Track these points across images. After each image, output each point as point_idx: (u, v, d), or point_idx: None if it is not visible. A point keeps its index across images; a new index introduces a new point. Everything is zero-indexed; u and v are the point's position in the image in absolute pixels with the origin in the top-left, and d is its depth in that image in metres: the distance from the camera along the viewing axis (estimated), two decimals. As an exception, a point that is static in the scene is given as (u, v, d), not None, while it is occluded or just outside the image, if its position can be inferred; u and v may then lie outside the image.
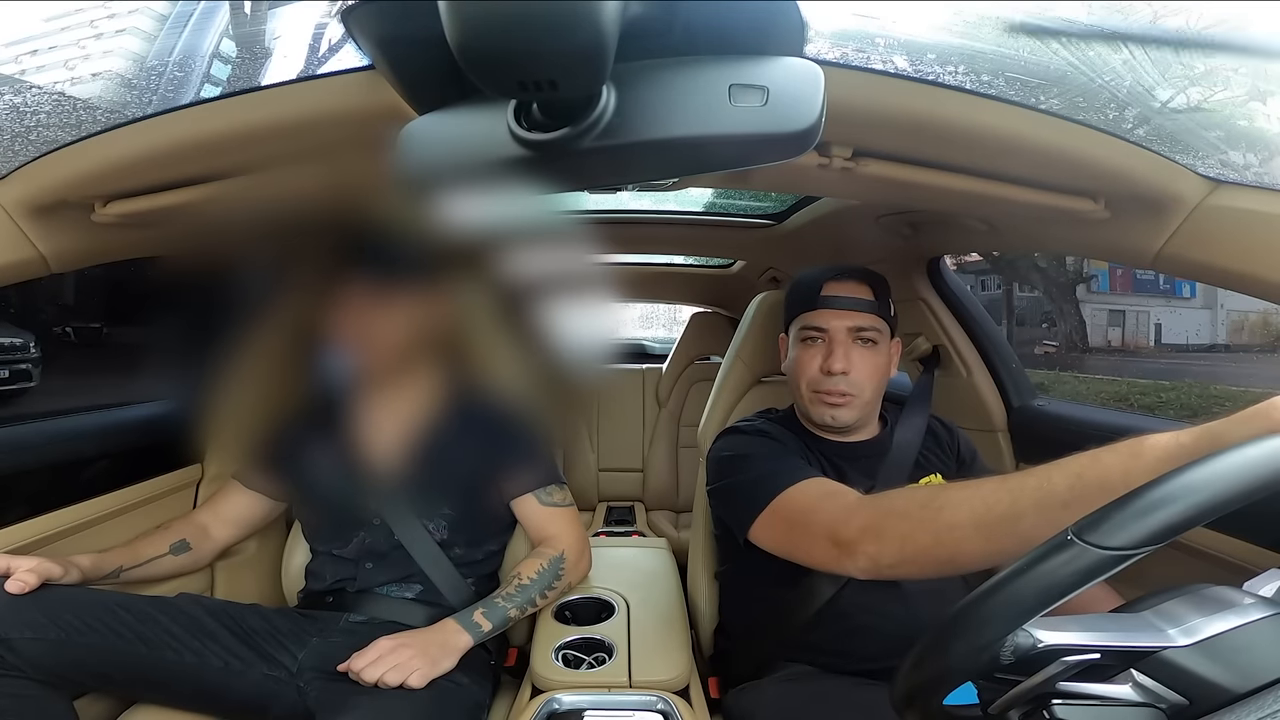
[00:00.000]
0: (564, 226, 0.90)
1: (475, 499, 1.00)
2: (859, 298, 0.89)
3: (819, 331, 0.90)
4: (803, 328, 0.92)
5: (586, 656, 0.88)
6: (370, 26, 0.37)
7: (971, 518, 0.57)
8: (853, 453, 0.93)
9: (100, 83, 0.82)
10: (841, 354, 0.87)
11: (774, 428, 0.92)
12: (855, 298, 0.89)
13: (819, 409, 0.90)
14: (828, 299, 0.89)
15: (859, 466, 0.91)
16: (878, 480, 0.89)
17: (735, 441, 0.92)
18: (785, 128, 0.35)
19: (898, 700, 0.43)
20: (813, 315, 0.90)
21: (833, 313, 0.89)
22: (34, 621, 0.74)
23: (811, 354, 0.90)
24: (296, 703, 0.85)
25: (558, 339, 0.95)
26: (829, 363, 0.87)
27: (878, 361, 0.90)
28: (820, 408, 0.90)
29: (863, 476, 0.89)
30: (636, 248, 2.09)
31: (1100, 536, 0.36)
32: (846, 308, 0.89)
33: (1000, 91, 0.62)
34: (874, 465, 0.91)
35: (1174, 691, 0.37)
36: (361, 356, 0.97)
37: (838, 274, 0.91)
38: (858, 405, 0.89)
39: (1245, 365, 9.15)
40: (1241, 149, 0.70)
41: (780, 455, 0.86)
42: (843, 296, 0.89)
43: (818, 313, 0.90)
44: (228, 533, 1.05)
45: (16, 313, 5.61)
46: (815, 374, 0.89)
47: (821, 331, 0.90)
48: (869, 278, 0.91)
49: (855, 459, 0.92)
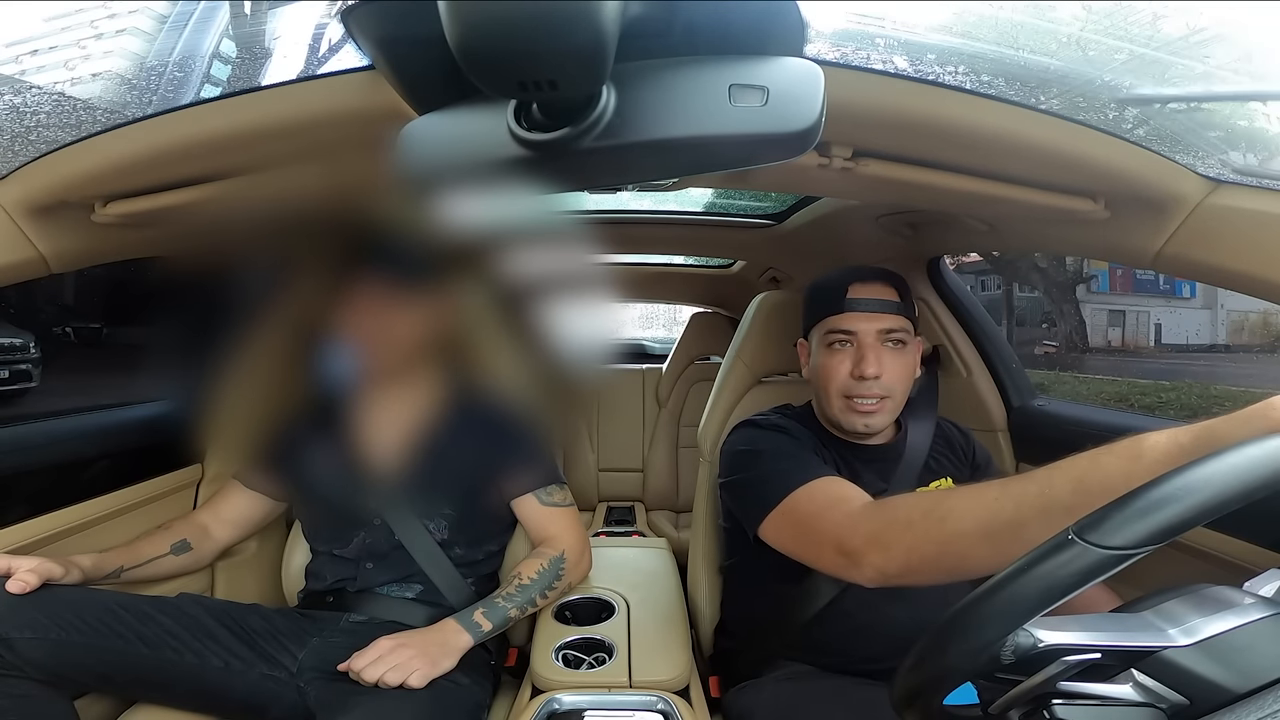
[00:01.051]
0: (564, 226, 0.90)
1: (475, 499, 1.00)
2: (885, 299, 0.87)
3: (847, 335, 0.87)
4: (829, 332, 0.89)
5: (586, 656, 0.88)
6: (370, 26, 0.37)
7: (976, 526, 0.57)
8: (868, 455, 0.92)
9: (100, 83, 0.82)
10: (873, 358, 0.85)
11: (791, 424, 0.91)
12: (882, 299, 0.87)
13: (851, 418, 0.88)
14: (854, 301, 0.87)
15: (873, 469, 0.90)
16: (890, 484, 0.88)
17: (751, 435, 0.90)
18: (785, 128, 0.35)
19: (898, 700, 0.43)
20: (839, 319, 0.88)
21: (861, 315, 0.87)
22: (34, 621, 0.74)
23: (840, 359, 0.88)
24: (297, 703, 0.85)
25: (558, 339, 0.95)
26: (861, 367, 0.85)
27: (907, 362, 0.89)
28: (853, 416, 0.88)
29: (877, 479, 0.89)
30: (636, 248, 2.09)
31: (1101, 536, 0.36)
32: (874, 310, 0.87)
33: (1000, 91, 0.62)
34: (888, 469, 0.90)
35: (1175, 691, 0.37)
36: (371, 355, 0.97)
37: (861, 276, 0.89)
38: (890, 408, 0.88)
39: (1245, 365, 9.16)
40: (1241, 149, 0.70)
41: (794, 452, 0.85)
42: (869, 299, 0.87)
43: (844, 316, 0.87)
44: (228, 533, 1.05)
45: (16, 313, 5.61)
46: (846, 379, 0.87)
47: (850, 335, 0.87)
48: (892, 279, 0.90)
49: (870, 461, 0.91)
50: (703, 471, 1.13)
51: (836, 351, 0.88)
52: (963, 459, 0.97)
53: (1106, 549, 0.36)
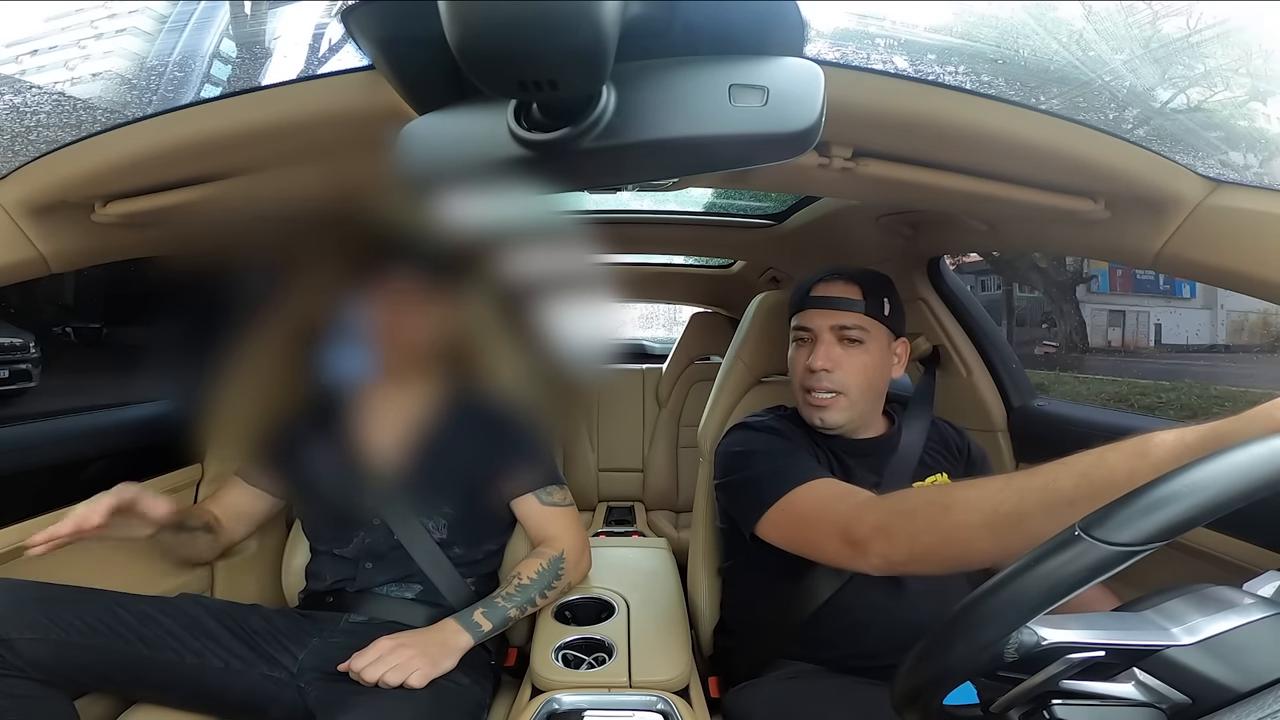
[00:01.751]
0: (564, 226, 0.90)
1: (475, 499, 1.00)
2: (844, 297, 0.91)
3: (806, 331, 0.93)
4: (794, 328, 0.96)
5: (586, 656, 0.87)
6: (370, 26, 0.37)
7: (979, 517, 0.58)
8: (859, 450, 0.94)
9: (100, 83, 0.82)
10: (823, 351, 0.89)
11: (784, 424, 0.94)
12: (840, 297, 0.91)
13: (808, 411, 0.92)
14: (814, 299, 0.92)
15: (866, 463, 0.92)
16: (883, 477, 0.90)
17: (745, 437, 0.93)
18: (785, 128, 0.34)
19: (899, 698, 0.43)
20: (801, 315, 0.94)
21: (817, 312, 0.92)
22: (34, 621, 0.74)
23: (800, 353, 0.93)
24: (297, 703, 0.85)
25: (558, 339, 0.96)
26: (811, 360, 0.90)
27: (864, 360, 0.90)
28: (808, 410, 0.92)
29: (869, 473, 0.90)
30: (636, 248, 2.09)
31: (1107, 532, 0.36)
32: (830, 306, 0.91)
33: (1000, 91, 0.62)
34: (880, 462, 0.92)
35: (1177, 690, 0.37)
36: (388, 353, 0.98)
37: (829, 275, 0.94)
38: (844, 405, 0.90)
39: (1245, 365, 9.15)
40: (1241, 149, 0.70)
41: (790, 453, 0.87)
42: (828, 296, 0.92)
43: (805, 313, 0.93)
44: (233, 526, 1.05)
45: (16, 313, 5.61)
46: (803, 373, 0.92)
47: (808, 331, 0.92)
48: (861, 278, 0.92)
49: (862, 456, 0.93)
50: (703, 471, 1.13)
51: (799, 346, 0.94)
52: (958, 456, 0.98)
53: (1113, 545, 0.35)
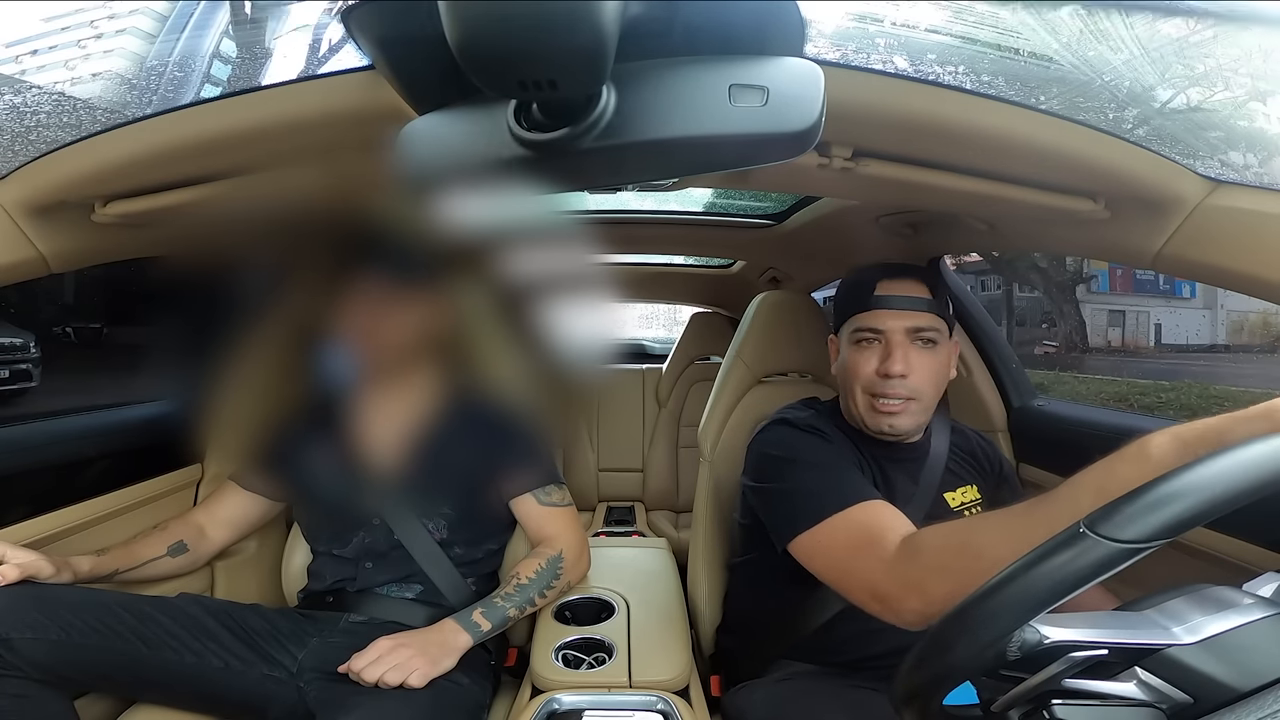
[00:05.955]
0: (564, 226, 0.90)
1: (475, 499, 1.00)
2: (916, 296, 0.85)
3: (874, 333, 0.85)
4: (856, 329, 0.87)
5: (586, 656, 0.88)
6: (370, 26, 0.37)
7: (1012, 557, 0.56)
8: (900, 455, 0.90)
9: (100, 83, 0.82)
10: (900, 356, 0.82)
11: (825, 424, 0.88)
12: (912, 296, 0.85)
13: (875, 418, 0.85)
14: (883, 298, 0.85)
15: (905, 470, 0.89)
16: (920, 486, 0.87)
17: (785, 437, 0.87)
18: (785, 128, 0.35)
19: (899, 698, 0.42)
20: (867, 316, 0.86)
21: (889, 313, 0.84)
22: (34, 621, 0.74)
23: (866, 356, 0.85)
24: (296, 703, 0.85)
25: (558, 339, 0.95)
26: (886, 365, 0.83)
27: (937, 363, 0.86)
28: (876, 417, 0.85)
29: (909, 482, 0.87)
30: (636, 248, 2.09)
31: (1113, 529, 0.36)
32: (903, 307, 0.84)
33: (1000, 91, 0.62)
34: (916, 469, 0.89)
35: (1179, 689, 0.37)
36: (368, 355, 0.97)
37: (892, 272, 0.87)
38: (916, 410, 0.85)
39: (1245, 365, 9.16)
40: (1241, 149, 0.70)
41: (832, 466, 0.81)
42: (899, 295, 0.85)
43: (873, 313, 0.85)
44: (224, 534, 1.05)
45: (16, 313, 5.61)
46: (871, 377, 0.84)
47: (877, 333, 0.85)
48: (925, 275, 0.87)
49: (901, 462, 0.89)
50: (703, 471, 1.13)
51: (864, 349, 0.86)
52: (988, 469, 0.94)
53: (1118, 542, 0.35)
